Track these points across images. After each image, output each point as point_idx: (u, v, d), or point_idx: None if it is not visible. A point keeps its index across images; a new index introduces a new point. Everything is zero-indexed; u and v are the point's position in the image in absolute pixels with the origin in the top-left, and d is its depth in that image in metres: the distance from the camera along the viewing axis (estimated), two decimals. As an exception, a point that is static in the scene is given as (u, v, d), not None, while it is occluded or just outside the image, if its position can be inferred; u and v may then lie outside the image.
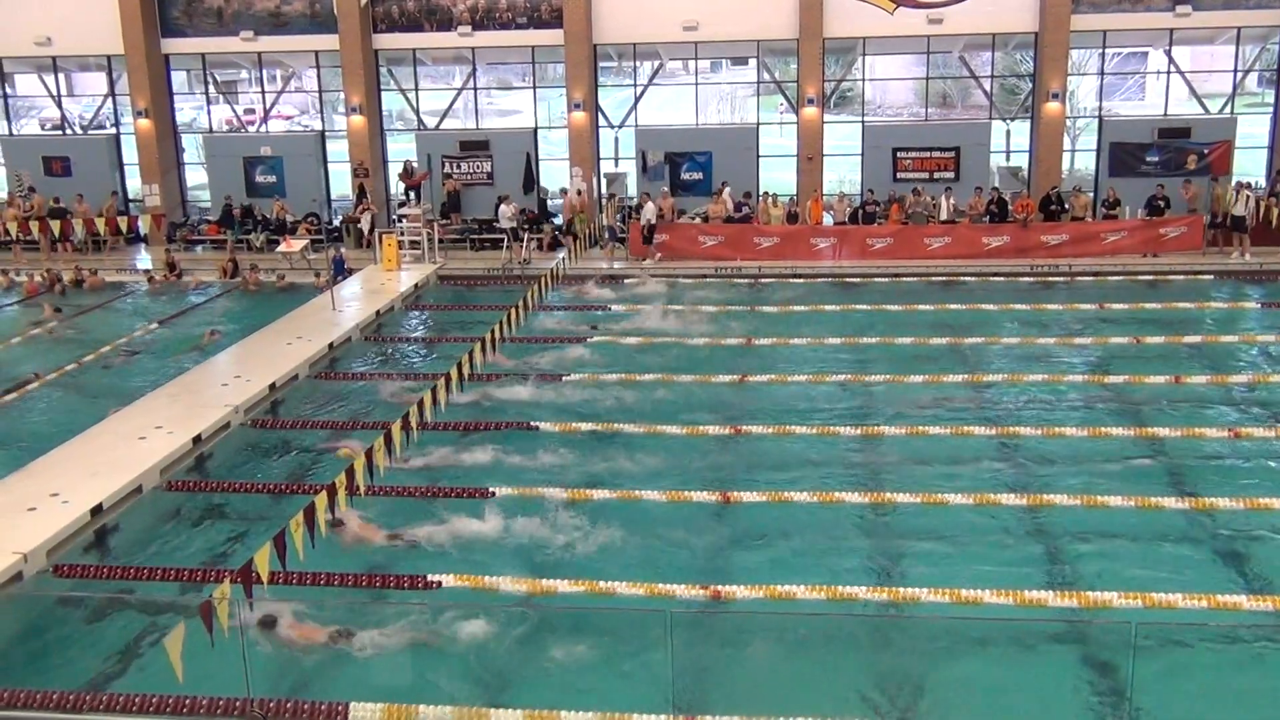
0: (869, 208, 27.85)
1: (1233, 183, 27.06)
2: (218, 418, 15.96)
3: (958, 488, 13.79)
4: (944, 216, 27.17)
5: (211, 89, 32.30)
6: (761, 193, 28.46)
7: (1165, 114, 29.10)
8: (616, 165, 30.71)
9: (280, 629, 10.55)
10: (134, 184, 31.99)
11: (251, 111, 33.50)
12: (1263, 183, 27.87)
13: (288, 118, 39.50)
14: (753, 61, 30.76)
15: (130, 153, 31.56)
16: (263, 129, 32.73)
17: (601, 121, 30.38)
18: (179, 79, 31.96)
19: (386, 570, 12.07)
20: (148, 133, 30.54)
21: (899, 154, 28.99)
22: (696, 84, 30.98)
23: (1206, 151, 27.76)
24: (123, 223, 26.98)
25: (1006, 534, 12.77)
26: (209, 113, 32.75)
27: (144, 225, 28.48)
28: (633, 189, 29.87)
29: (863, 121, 30.24)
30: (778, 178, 29.85)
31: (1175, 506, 13.21)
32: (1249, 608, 11.01)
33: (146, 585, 11.94)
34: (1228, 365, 18.74)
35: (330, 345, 20.01)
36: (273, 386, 17.59)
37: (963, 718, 9.58)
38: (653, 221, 27.19)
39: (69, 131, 33.06)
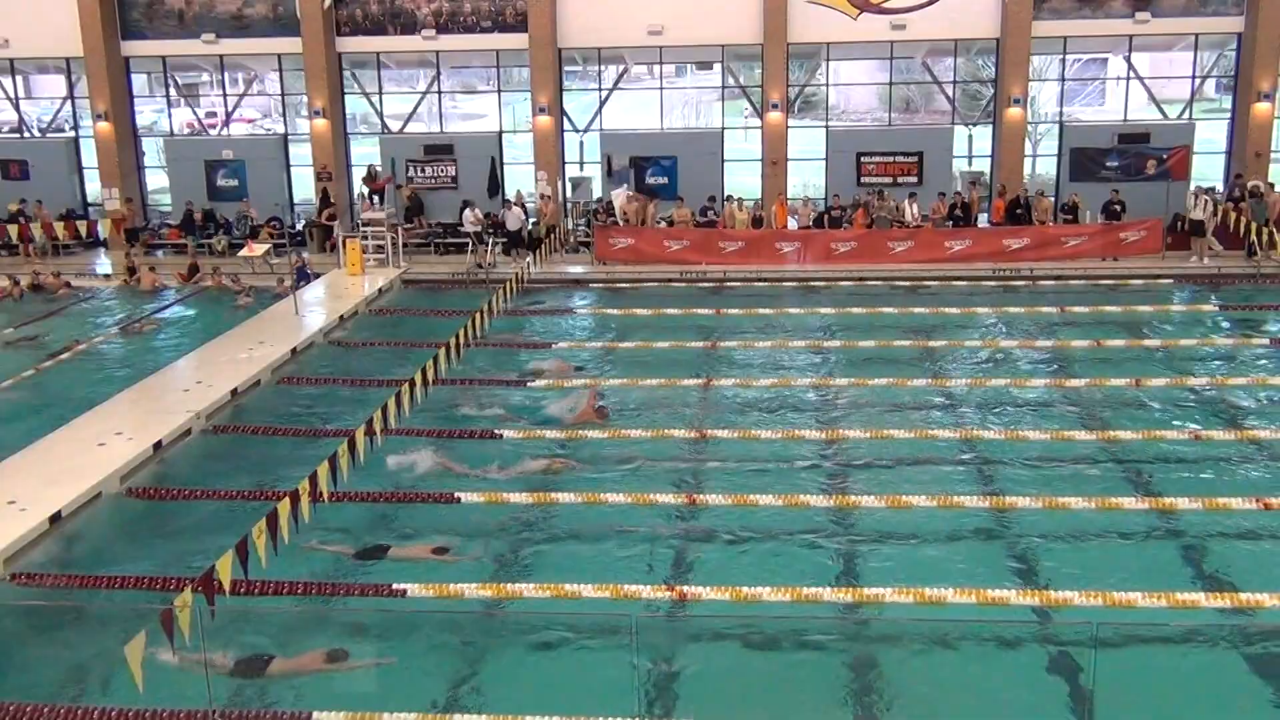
0: (834, 212, 27.98)
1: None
2: (179, 423, 15.82)
3: (922, 490, 13.87)
4: (909, 220, 27.34)
5: (172, 92, 32.02)
6: (726, 197, 28.54)
7: (1125, 119, 29.45)
8: (582, 169, 30.71)
9: None
10: (93, 188, 31.64)
11: (213, 115, 33.20)
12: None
13: (250, 121, 39.18)
14: (717, 66, 30.82)
15: (90, 156, 31.21)
16: (224, 132, 32.46)
17: (566, 125, 30.35)
18: (139, 82, 31.65)
19: (350, 579, 11.99)
20: (107, 136, 30.22)
21: (863, 158, 29.14)
22: (661, 88, 31.01)
23: (1165, 156, 28.08)
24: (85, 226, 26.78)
25: (969, 535, 12.85)
26: (170, 116, 32.45)
27: (103, 229, 28.20)
28: (598, 193, 29.90)
29: (827, 126, 30.36)
30: (743, 182, 29.95)
31: (1135, 507, 13.35)
32: (1207, 605, 11.16)
33: (106, 594, 11.80)
34: (1187, 368, 18.96)
35: (293, 350, 19.88)
36: (234, 392, 17.45)
37: (926, 716, 9.62)
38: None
39: (27, 134, 32.65)
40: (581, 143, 30.62)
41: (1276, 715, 9.45)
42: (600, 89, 30.58)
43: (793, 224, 28.24)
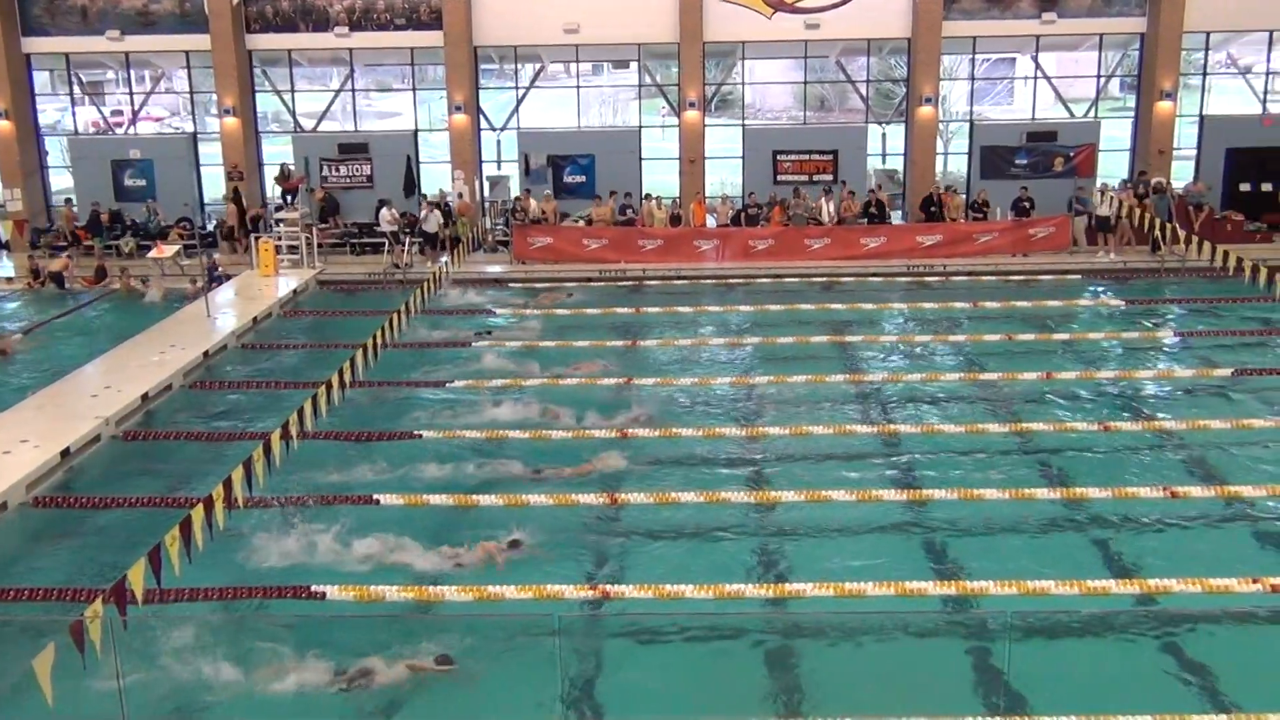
0: (751, 210, 28.18)
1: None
2: (88, 430, 15.42)
3: (840, 485, 14.01)
4: (826, 219, 27.63)
5: (76, 90, 31.21)
6: (644, 195, 28.60)
7: (1033, 118, 30.11)
8: (499, 168, 30.54)
9: None
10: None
11: (119, 113, 32.44)
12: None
13: (158, 119, 38.37)
14: (634, 65, 30.88)
15: (-10, 156, 30.32)
16: (131, 131, 31.72)
17: (483, 124, 30.18)
18: (41, 79, 30.81)
19: (267, 582, 11.78)
20: (8, 135, 29.35)
21: (779, 156, 29.42)
22: (578, 87, 30.99)
23: (1072, 154, 28.77)
24: None
25: (887, 528, 13.02)
26: (74, 114, 31.62)
27: (4, 231, 27.39)
28: (516, 192, 29.75)
29: (743, 124, 30.59)
30: (660, 180, 30.04)
31: (1047, 497, 13.65)
32: (1117, 591, 11.44)
33: (13, 607, 11.45)
34: (1095, 361, 19.41)
35: (205, 354, 19.50)
36: (145, 397, 17.06)
37: (848, 706, 9.73)
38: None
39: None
40: (499, 141, 30.47)
41: (1184, 695, 9.72)
42: (517, 87, 30.46)
43: (711, 222, 28.40)
